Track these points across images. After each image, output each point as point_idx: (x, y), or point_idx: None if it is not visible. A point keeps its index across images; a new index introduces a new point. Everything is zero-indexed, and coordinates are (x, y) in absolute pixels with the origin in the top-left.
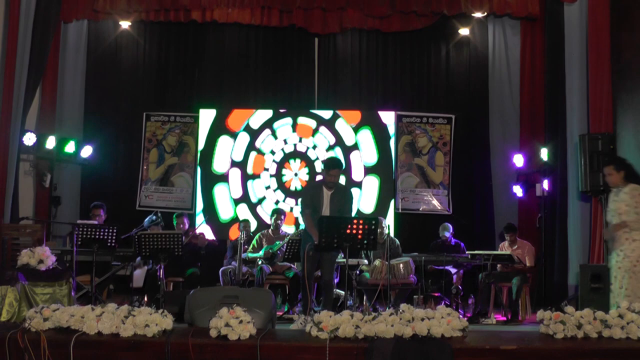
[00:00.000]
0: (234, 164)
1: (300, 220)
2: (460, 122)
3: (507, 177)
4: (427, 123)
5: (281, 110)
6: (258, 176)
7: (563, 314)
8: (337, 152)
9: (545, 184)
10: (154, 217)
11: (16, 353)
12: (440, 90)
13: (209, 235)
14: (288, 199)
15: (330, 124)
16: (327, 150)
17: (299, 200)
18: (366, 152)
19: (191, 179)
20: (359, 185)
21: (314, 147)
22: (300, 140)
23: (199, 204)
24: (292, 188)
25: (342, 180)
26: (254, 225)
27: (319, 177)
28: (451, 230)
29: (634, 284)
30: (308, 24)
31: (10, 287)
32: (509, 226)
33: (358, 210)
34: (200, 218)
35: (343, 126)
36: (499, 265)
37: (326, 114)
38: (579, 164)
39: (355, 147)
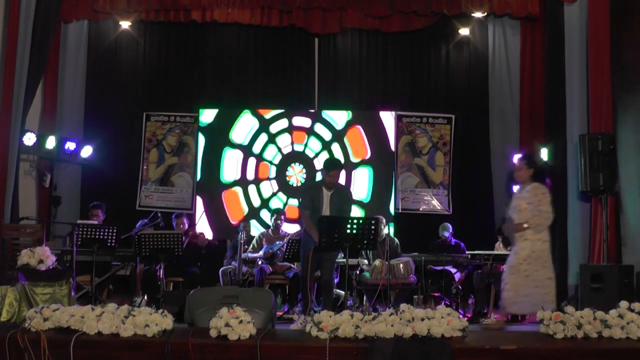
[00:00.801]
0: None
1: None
2: (460, 122)
3: (507, 177)
4: (427, 123)
5: (278, 111)
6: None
7: (563, 314)
8: (335, 149)
9: None
10: (146, 220)
11: (16, 353)
12: (440, 90)
13: (209, 234)
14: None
15: (330, 126)
16: (322, 149)
17: (298, 201)
18: (357, 149)
19: (191, 179)
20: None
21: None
22: (302, 141)
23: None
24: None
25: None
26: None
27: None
28: (451, 230)
29: (514, 281)
30: (308, 24)
31: (10, 287)
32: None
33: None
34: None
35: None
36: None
37: (327, 115)
38: (579, 164)
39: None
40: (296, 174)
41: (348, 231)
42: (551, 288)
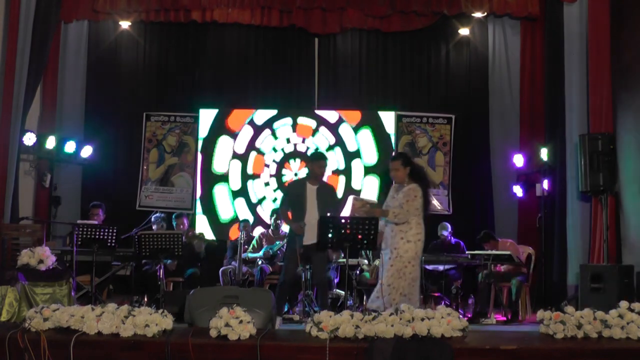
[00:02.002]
0: (235, 156)
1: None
2: (460, 122)
3: (507, 177)
4: (427, 123)
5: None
6: (258, 176)
7: (563, 314)
8: (338, 152)
9: (545, 184)
10: (163, 214)
11: (16, 353)
12: (440, 90)
13: (209, 235)
14: None
15: (332, 127)
16: (327, 150)
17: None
18: (366, 154)
19: (191, 179)
20: (357, 192)
21: (316, 148)
22: (303, 141)
23: (199, 208)
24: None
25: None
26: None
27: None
28: (449, 229)
29: (403, 284)
30: (308, 24)
31: (10, 287)
32: (485, 236)
33: None
34: (200, 218)
35: (345, 129)
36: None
37: (329, 116)
38: (579, 164)
39: (357, 154)
40: (296, 171)
41: (348, 231)
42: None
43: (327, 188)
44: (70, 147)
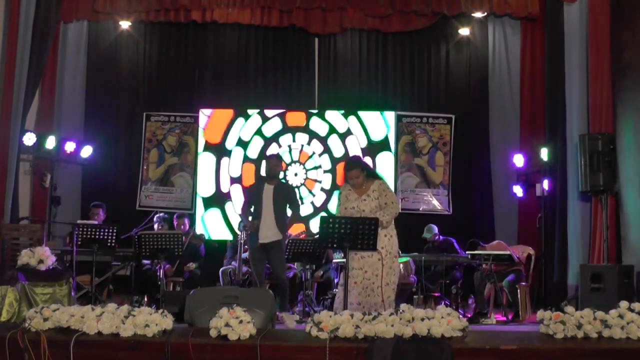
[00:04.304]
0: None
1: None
2: (460, 122)
3: (507, 177)
4: (427, 123)
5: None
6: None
7: (563, 314)
8: (334, 140)
9: (545, 184)
10: (166, 215)
11: (16, 353)
12: (440, 90)
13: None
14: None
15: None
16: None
17: None
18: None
19: (191, 178)
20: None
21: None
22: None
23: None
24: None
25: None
26: None
27: (323, 177)
28: (434, 231)
29: (394, 279)
30: (308, 24)
31: (10, 287)
32: (471, 246)
33: None
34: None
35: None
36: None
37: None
38: (579, 164)
39: (348, 132)
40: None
41: (348, 231)
42: None
43: (283, 186)
44: (70, 147)
